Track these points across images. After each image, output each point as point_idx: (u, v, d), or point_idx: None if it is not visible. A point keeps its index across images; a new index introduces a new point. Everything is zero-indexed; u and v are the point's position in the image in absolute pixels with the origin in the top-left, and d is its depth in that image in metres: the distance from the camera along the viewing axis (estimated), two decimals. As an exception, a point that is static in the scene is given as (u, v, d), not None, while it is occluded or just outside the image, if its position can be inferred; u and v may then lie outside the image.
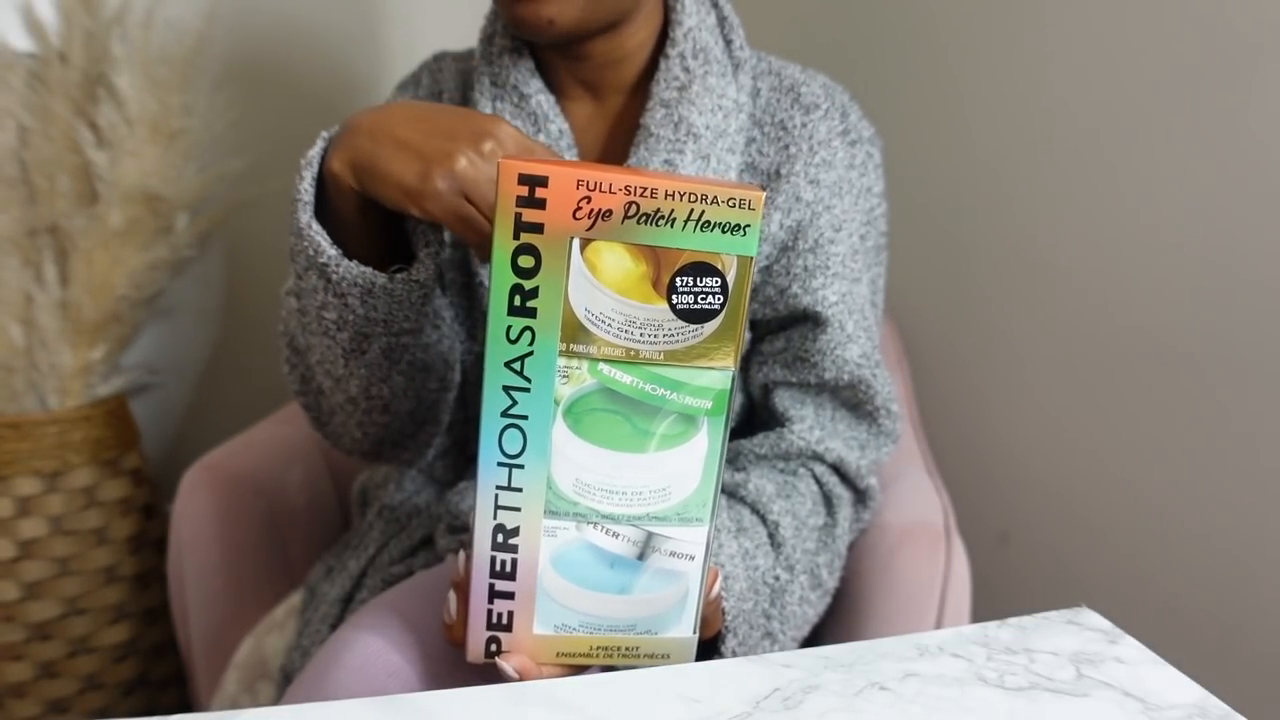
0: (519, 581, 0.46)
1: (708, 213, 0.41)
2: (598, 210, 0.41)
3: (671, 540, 0.47)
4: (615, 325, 0.42)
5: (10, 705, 1.13)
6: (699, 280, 0.42)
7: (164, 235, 1.15)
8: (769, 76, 0.71)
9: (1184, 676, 0.44)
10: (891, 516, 0.79)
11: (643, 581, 0.47)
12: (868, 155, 0.72)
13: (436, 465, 0.81)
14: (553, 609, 0.47)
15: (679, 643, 0.49)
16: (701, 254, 0.42)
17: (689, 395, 0.44)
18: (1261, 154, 0.78)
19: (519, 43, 0.70)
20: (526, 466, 0.44)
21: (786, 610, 0.65)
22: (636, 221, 0.41)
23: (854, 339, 0.70)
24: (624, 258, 0.42)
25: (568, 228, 0.41)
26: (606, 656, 0.49)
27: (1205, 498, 0.86)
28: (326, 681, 0.54)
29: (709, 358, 0.44)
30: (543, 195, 0.40)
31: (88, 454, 1.14)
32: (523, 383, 0.43)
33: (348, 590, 0.75)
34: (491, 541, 0.46)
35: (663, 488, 0.46)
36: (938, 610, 0.74)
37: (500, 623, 0.47)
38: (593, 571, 0.47)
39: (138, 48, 1.09)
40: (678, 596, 0.48)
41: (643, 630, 0.48)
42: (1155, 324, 0.89)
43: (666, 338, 0.43)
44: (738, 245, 0.42)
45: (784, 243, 0.69)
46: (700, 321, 0.43)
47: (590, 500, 0.45)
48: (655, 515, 0.46)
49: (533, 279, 0.41)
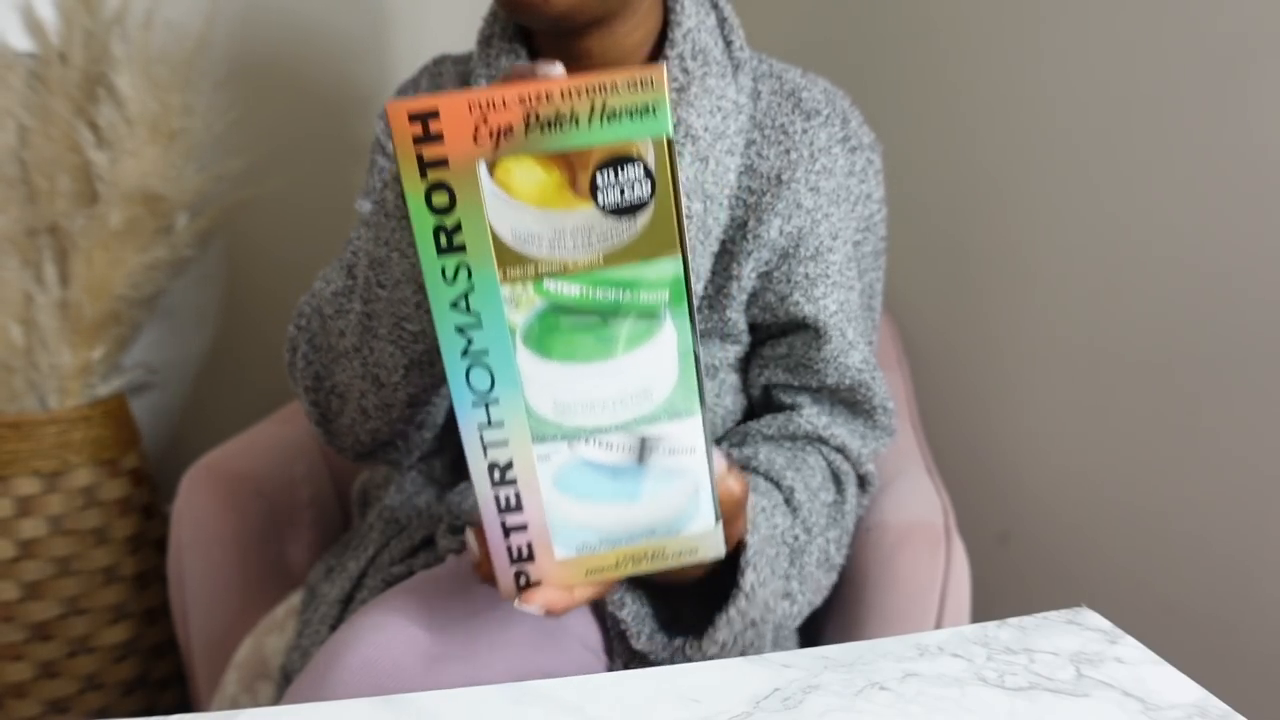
0: (527, 512, 0.46)
1: (610, 102, 0.40)
2: (497, 129, 0.39)
3: (666, 438, 0.46)
4: (546, 240, 0.42)
5: (10, 705, 1.13)
6: (619, 173, 0.41)
7: (164, 235, 1.15)
8: (770, 79, 0.71)
9: (1184, 676, 0.44)
10: (891, 516, 0.79)
11: (649, 485, 0.47)
12: (868, 162, 0.72)
13: (436, 466, 0.81)
14: (568, 530, 0.47)
15: (703, 536, 0.48)
16: (614, 146, 0.40)
17: (643, 291, 0.43)
18: (1260, 156, 0.78)
19: (516, 44, 0.70)
20: (501, 400, 0.44)
21: (805, 571, 0.65)
22: (540, 131, 0.40)
23: (855, 345, 0.71)
24: (536, 170, 0.41)
25: (471, 154, 0.40)
26: (635, 565, 0.48)
27: (1205, 498, 0.86)
28: (326, 681, 0.54)
29: (652, 250, 0.42)
30: (437, 129, 0.39)
31: (88, 454, 1.14)
32: (471, 320, 0.42)
33: (347, 591, 0.75)
34: (490, 480, 0.45)
35: (642, 389, 0.45)
36: (938, 610, 0.74)
37: (522, 555, 0.47)
38: (597, 486, 0.46)
39: (138, 48, 1.09)
40: (688, 491, 0.47)
41: (663, 533, 0.48)
42: (1155, 324, 0.89)
43: (601, 239, 0.42)
44: (649, 128, 0.40)
45: (784, 249, 0.68)
46: (631, 214, 0.42)
47: (574, 418, 0.45)
48: (643, 418, 0.45)
49: (451, 214, 0.41)
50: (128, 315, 1.18)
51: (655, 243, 0.42)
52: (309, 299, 0.69)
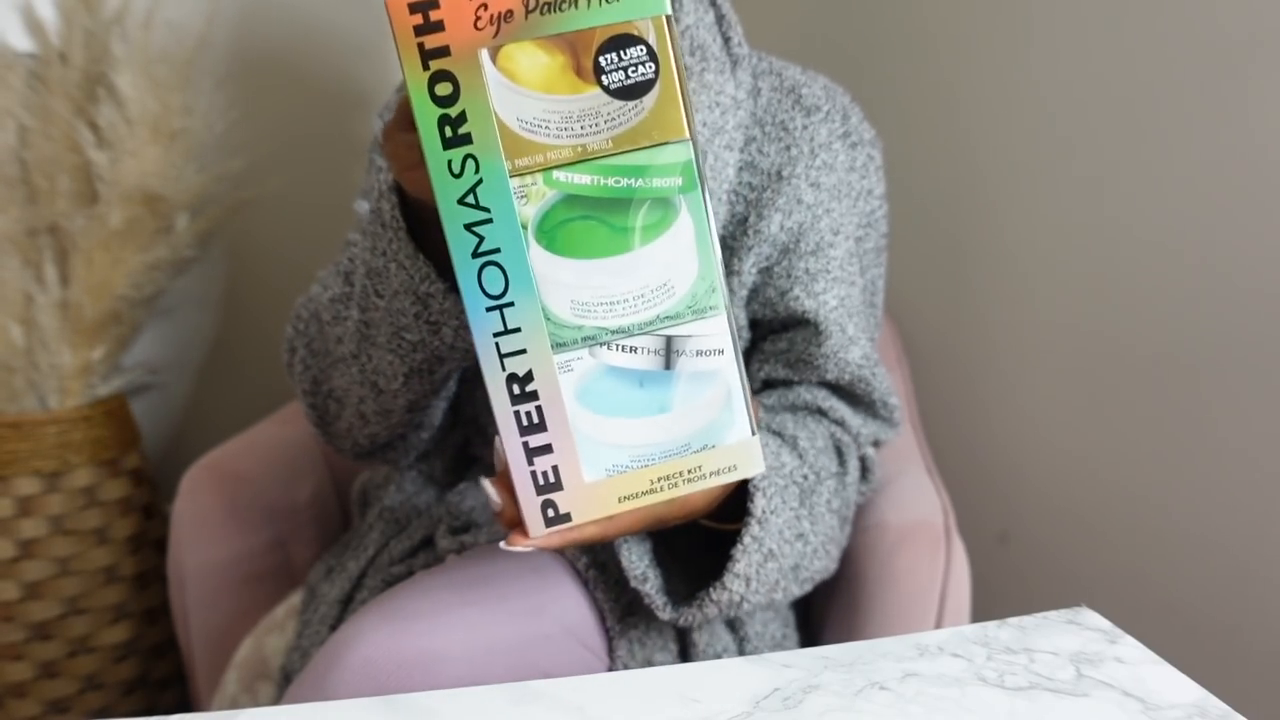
0: (551, 430, 0.43)
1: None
2: (498, 14, 0.39)
3: (693, 338, 0.44)
4: (553, 126, 0.40)
5: (10, 705, 1.13)
6: (622, 54, 0.40)
7: (164, 235, 1.15)
8: (770, 76, 0.71)
9: (1184, 676, 0.44)
10: (891, 516, 0.79)
11: (680, 392, 0.44)
12: (868, 158, 0.72)
13: (436, 466, 0.81)
14: (597, 450, 0.44)
15: (741, 448, 0.45)
16: (615, 26, 0.40)
17: (655, 177, 0.42)
18: (1260, 155, 0.78)
19: None
20: (516, 303, 0.42)
21: (816, 512, 0.63)
22: (540, 13, 0.39)
23: (855, 341, 0.70)
24: (539, 54, 0.40)
25: (473, 41, 0.39)
26: (672, 487, 0.45)
27: (1205, 497, 0.86)
28: (326, 682, 0.54)
29: (661, 132, 0.41)
30: (438, 17, 0.38)
31: (88, 454, 1.14)
32: (482, 215, 0.41)
33: (347, 591, 0.75)
34: (509, 395, 0.43)
35: (663, 283, 0.43)
36: (938, 610, 0.74)
37: (548, 481, 0.44)
38: (624, 397, 0.43)
39: (138, 48, 1.09)
40: (721, 397, 0.44)
41: (698, 447, 0.45)
42: (1155, 324, 0.89)
43: (609, 123, 0.41)
44: (648, 6, 0.40)
45: (785, 244, 0.68)
46: (638, 96, 0.41)
47: (594, 319, 0.42)
48: (666, 315, 0.43)
49: (455, 105, 0.39)
50: (128, 315, 1.18)
51: (663, 125, 0.41)
52: (306, 302, 0.69)
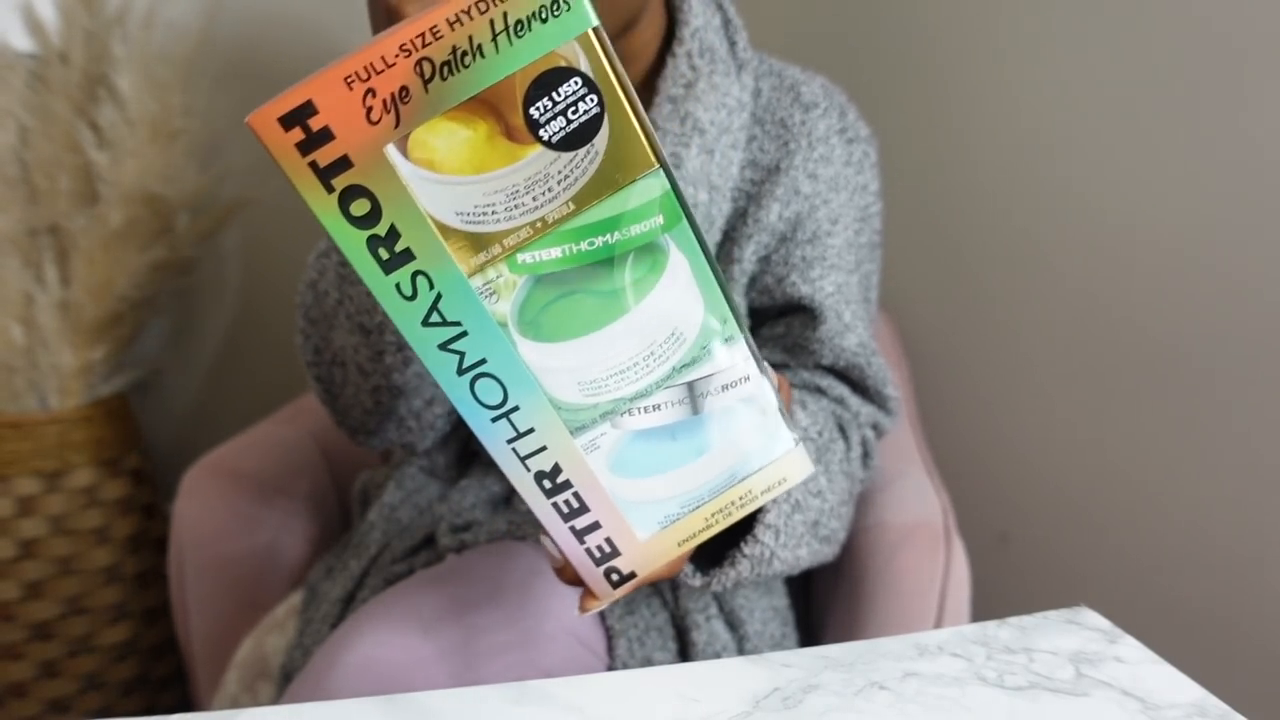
0: (594, 509, 0.41)
1: (510, 12, 0.31)
2: (392, 96, 0.32)
3: (716, 375, 0.40)
4: (500, 209, 0.34)
5: (10, 705, 1.13)
6: (555, 95, 0.33)
7: (165, 235, 1.15)
8: (770, 77, 0.73)
9: (1184, 676, 0.44)
10: (891, 516, 0.79)
11: (715, 431, 0.41)
12: (864, 154, 0.74)
13: (439, 462, 0.82)
14: (645, 510, 0.42)
15: (787, 460, 0.43)
16: (537, 65, 0.32)
17: (632, 224, 0.36)
18: (1260, 151, 0.78)
19: None
20: (521, 406, 0.38)
21: (830, 469, 0.63)
22: (441, 78, 0.32)
23: (851, 328, 0.71)
24: (456, 130, 0.33)
25: (373, 139, 0.32)
26: (726, 517, 0.43)
27: (1205, 497, 0.87)
28: (326, 681, 0.54)
29: (625, 171, 0.35)
30: (321, 123, 0.32)
31: (88, 454, 1.14)
32: (453, 330, 0.36)
33: (349, 590, 0.75)
34: (542, 491, 0.40)
35: (670, 333, 0.38)
36: (938, 610, 0.74)
37: (604, 553, 0.42)
38: (659, 454, 0.40)
39: (138, 48, 1.09)
40: (757, 420, 0.41)
41: (745, 474, 0.42)
42: (1155, 324, 0.89)
43: (563, 182, 0.34)
44: (569, 26, 0.32)
45: (783, 233, 0.70)
46: (588, 140, 0.34)
47: (607, 393, 0.39)
48: (681, 364, 0.39)
49: (380, 221, 0.33)
50: (129, 315, 1.18)
51: (626, 163, 0.35)
52: (306, 272, 0.69)
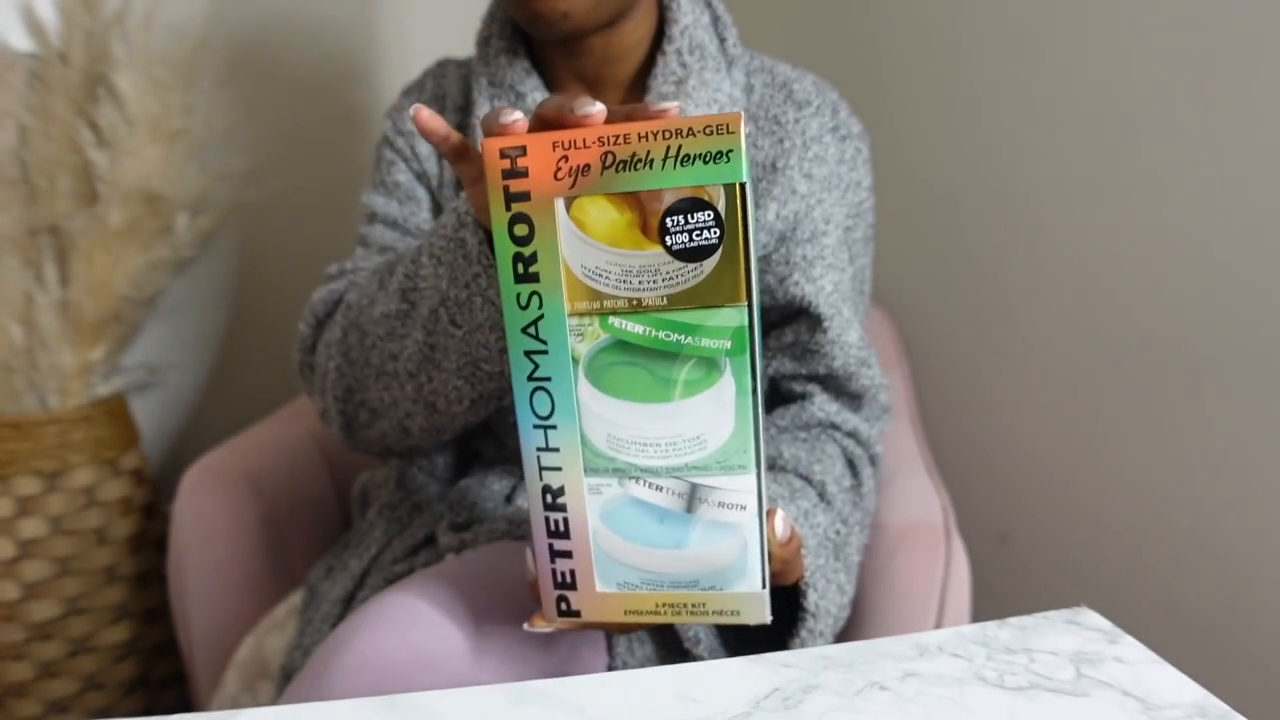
0: (574, 540, 0.47)
1: (685, 146, 0.40)
2: (576, 167, 0.41)
3: (718, 490, 0.46)
4: (613, 277, 0.43)
5: (10, 705, 1.13)
6: (690, 217, 0.41)
7: (164, 235, 1.15)
8: (762, 73, 0.74)
9: (1184, 676, 0.44)
10: (891, 516, 0.79)
11: (696, 535, 0.46)
12: (857, 150, 0.75)
13: (439, 463, 0.82)
14: (612, 566, 0.48)
15: (748, 598, 0.48)
16: (686, 190, 0.41)
17: (705, 337, 0.43)
18: (1261, 149, 0.78)
19: (515, 43, 0.72)
20: (559, 426, 0.45)
21: (849, 563, 0.67)
22: (615, 170, 0.41)
23: (851, 324, 0.73)
24: (609, 209, 0.42)
25: (551, 190, 0.42)
26: (674, 614, 0.48)
27: (1205, 497, 0.86)
28: (324, 680, 0.54)
29: (716, 296, 0.42)
30: (524, 164, 0.41)
31: (88, 454, 1.14)
32: (540, 345, 0.44)
33: (350, 589, 0.75)
34: (542, 502, 0.47)
35: (695, 436, 0.45)
36: (938, 610, 0.74)
37: (565, 581, 0.48)
38: (644, 527, 0.47)
39: (138, 48, 1.09)
40: (736, 550, 0.47)
41: (706, 586, 0.47)
42: (1155, 325, 0.89)
43: (666, 282, 0.42)
44: (722, 174, 0.41)
45: (781, 233, 0.71)
46: (699, 260, 0.42)
47: (626, 455, 0.45)
48: (694, 465, 0.45)
49: (529, 245, 0.43)
50: (128, 315, 1.18)
51: (720, 290, 0.42)
52: (344, 310, 0.67)
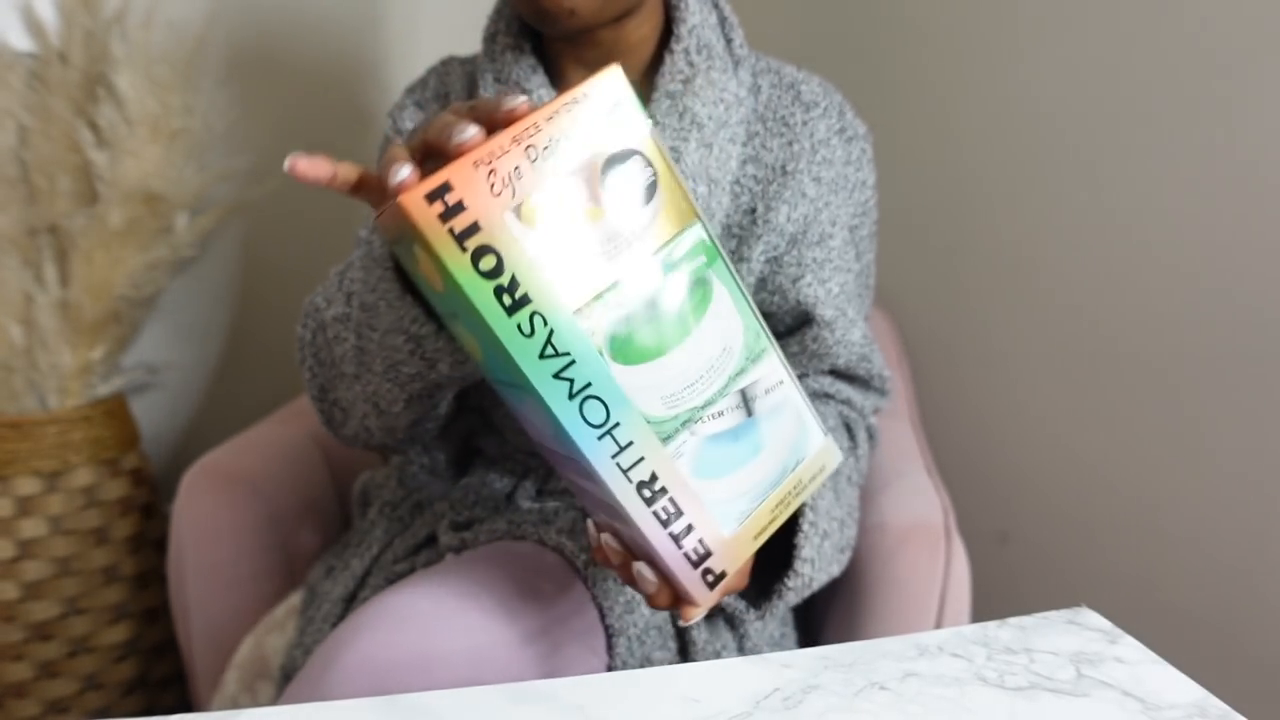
0: (688, 512, 0.47)
1: (587, 112, 0.43)
2: (508, 174, 0.41)
3: (759, 381, 0.49)
4: (592, 256, 0.43)
5: (10, 705, 1.13)
6: (622, 169, 0.44)
7: (164, 235, 1.15)
8: (769, 74, 0.74)
9: (1184, 676, 0.44)
10: (891, 516, 0.79)
11: (765, 431, 0.50)
12: (862, 150, 0.76)
13: (439, 459, 0.82)
14: (726, 508, 0.49)
15: (823, 451, 0.52)
16: (608, 148, 0.43)
17: (685, 264, 0.46)
18: (1257, 151, 0.78)
19: (521, 40, 0.71)
20: (621, 422, 0.45)
21: (842, 490, 0.69)
22: (543, 159, 0.42)
23: (855, 323, 0.75)
24: (555, 197, 0.42)
25: (496, 208, 0.41)
26: (786, 508, 0.51)
27: (1205, 498, 0.86)
28: (323, 681, 0.54)
29: (674, 223, 0.45)
30: (455, 199, 0.40)
31: (88, 454, 1.14)
32: (565, 360, 0.43)
33: (351, 589, 0.75)
34: (643, 500, 0.46)
35: (723, 349, 0.48)
36: (938, 610, 0.74)
37: (700, 554, 0.48)
38: (728, 455, 0.48)
39: (138, 48, 1.09)
40: (794, 419, 0.51)
41: (792, 466, 0.51)
42: (1155, 324, 0.89)
43: (636, 234, 0.44)
44: (628, 119, 0.44)
45: (793, 235, 0.72)
46: (648, 201, 0.44)
47: (684, 404, 0.47)
48: (734, 373, 0.48)
49: (504, 273, 0.41)
50: (128, 315, 1.18)
51: (676, 216, 0.45)
52: (313, 311, 0.69)
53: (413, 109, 0.77)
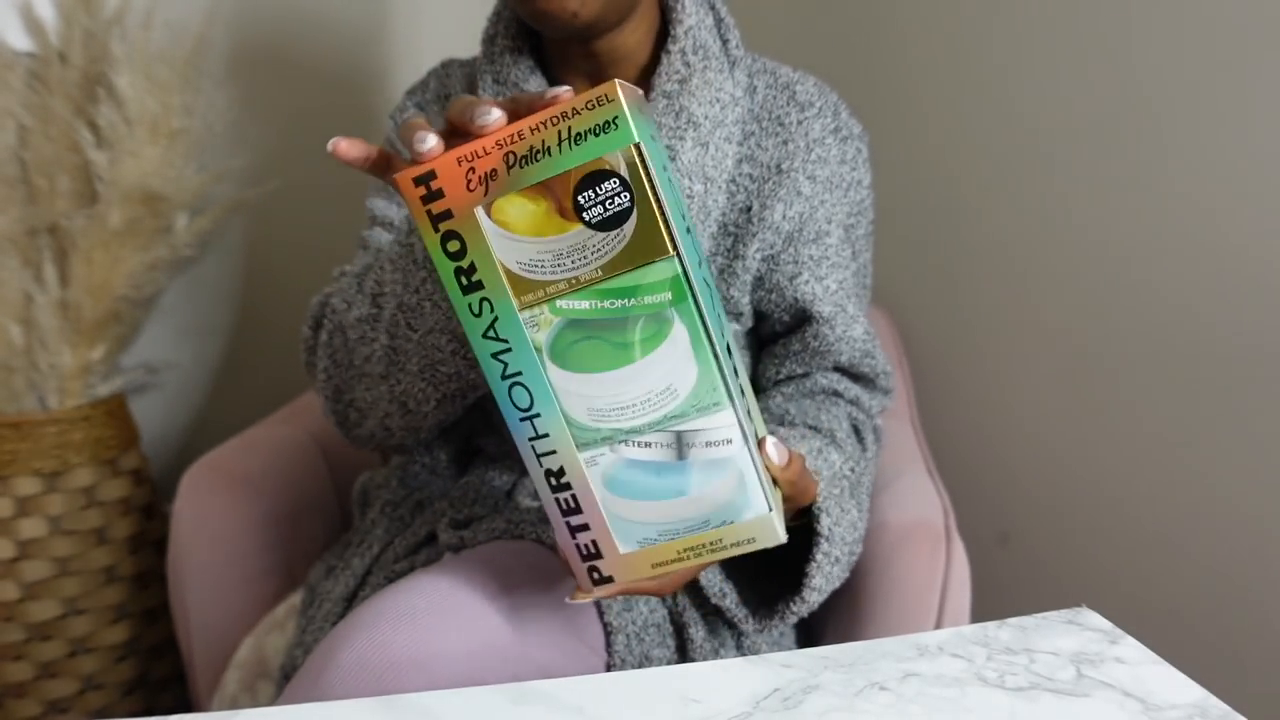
0: (586, 512, 0.50)
1: (574, 126, 0.43)
2: (484, 174, 0.44)
3: (701, 431, 0.48)
4: (547, 265, 0.45)
5: (10, 705, 1.13)
6: (598, 190, 0.44)
7: (164, 235, 1.15)
8: (765, 75, 0.75)
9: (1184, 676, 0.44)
10: (891, 516, 0.79)
11: (695, 479, 0.49)
12: (857, 150, 0.76)
13: (440, 458, 0.82)
14: (627, 527, 0.50)
15: (758, 524, 0.50)
16: (587, 165, 0.43)
17: (645, 295, 0.46)
18: (1259, 150, 0.78)
19: (520, 42, 0.72)
20: (542, 414, 0.48)
21: (862, 500, 0.69)
22: (520, 167, 0.44)
23: (856, 319, 0.75)
24: (525, 204, 0.45)
25: (469, 202, 0.45)
26: (697, 556, 0.51)
27: (1205, 498, 0.86)
28: (323, 680, 0.54)
29: (644, 254, 0.45)
30: (438, 186, 0.44)
31: (88, 454, 1.14)
32: (503, 345, 0.47)
33: (352, 588, 0.75)
34: (549, 486, 0.50)
35: (665, 388, 0.48)
36: (938, 610, 0.74)
37: (590, 552, 0.51)
38: (645, 483, 0.49)
39: (138, 48, 1.09)
40: (734, 482, 0.49)
41: (718, 523, 0.50)
42: (1154, 325, 0.89)
43: (596, 254, 0.45)
44: (615, 141, 0.43)
45: (789, 233, 0.72)
46: (618, 225, 0.45)
47: (610, 422, 0.48)
48: (672, 414, 0.48)
49: (465, 257, 0.46)
50: (128, 315, 1.18)
51: (646, 248, 0.45)
52: (329, 313, 0.69)
53: (413, 111, 0.77)
